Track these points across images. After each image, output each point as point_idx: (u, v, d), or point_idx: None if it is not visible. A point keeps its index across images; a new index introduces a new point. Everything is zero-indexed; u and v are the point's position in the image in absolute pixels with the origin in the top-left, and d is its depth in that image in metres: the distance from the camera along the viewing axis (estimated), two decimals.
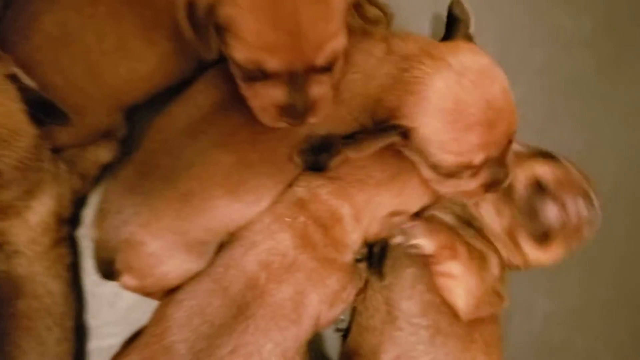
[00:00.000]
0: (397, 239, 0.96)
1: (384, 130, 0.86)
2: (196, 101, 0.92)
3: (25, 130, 0.81)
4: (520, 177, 0.98)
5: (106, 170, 1.01)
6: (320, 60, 0.78)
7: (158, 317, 0.93)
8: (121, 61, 0.91)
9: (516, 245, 1.00)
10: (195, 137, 0.89)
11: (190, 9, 0.79)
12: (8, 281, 0.85)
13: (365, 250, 1.05)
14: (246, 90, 0.84)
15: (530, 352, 1.24)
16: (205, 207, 0.89)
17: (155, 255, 0.89)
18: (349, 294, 0.98)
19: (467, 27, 0.98)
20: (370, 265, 1.05)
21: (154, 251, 0.89)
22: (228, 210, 0.91)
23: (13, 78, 0.80)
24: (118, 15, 0.88)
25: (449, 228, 1.00)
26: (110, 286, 1.01)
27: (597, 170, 1.00)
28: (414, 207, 1.00)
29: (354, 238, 0.96)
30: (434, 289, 0.97)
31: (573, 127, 1.26)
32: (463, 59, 0.84)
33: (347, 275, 0.96)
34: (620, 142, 1.30)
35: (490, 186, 0.91)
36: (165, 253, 0.89)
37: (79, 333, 1.01)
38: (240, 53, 0.77)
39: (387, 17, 1.07)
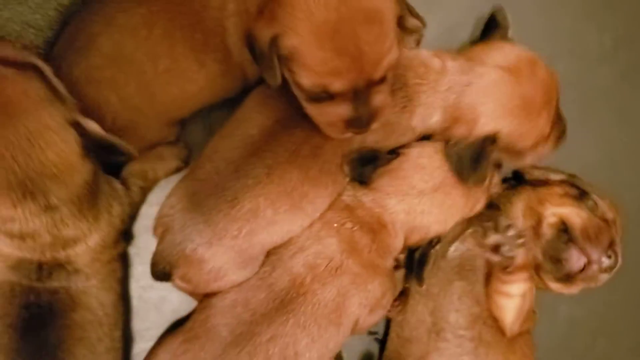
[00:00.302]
0: (495, 238, 1.02)
1: (482, 145, 0.95)
2: (255, 121, 0.93)
3: (78, 169, 0.83)
4: (549, 216, 1.03)
5: None
6: (379, 74, 0.82)
7: (203, 305, 0.96)
8: (173, 81, 0.94)
9: (539, 277, 1.05)
10: (262, 156, 0.91)
11: (251, 40, 0.83)
12: (66, 295, 0.88)
13: (402, 257, 1.08)
14: (311, 109, 0.87)
15: (554, 357, 1.27)
16: (269, 222, 0.91)
17: (213, 272, 0.91)
18: (388, 300, 1.01)
19: (506, 33, 1.08)
20: (410, 271, 1.07)
21: (213, 269, 0.91)
22: (289, 223, 0.93)
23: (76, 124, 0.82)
24: (171, 38, 0.91)
25: None
26: (157, 291, 1.06)
27: (616, 181, 1.04)
28: (456, 217, 1.02)
29: (396, 245, 0.99)
30: (480, 302, 1.01)
31: (593, 139, 1.29)
32: (508, 57, 0.96)
33: (388, 281, 0.99)
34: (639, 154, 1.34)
35: (559, 140, 1.04)
36: (223, 271, 0.92)
37: (126, 340, 1.03)
38: (306, 79, 0.81)
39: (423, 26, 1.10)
